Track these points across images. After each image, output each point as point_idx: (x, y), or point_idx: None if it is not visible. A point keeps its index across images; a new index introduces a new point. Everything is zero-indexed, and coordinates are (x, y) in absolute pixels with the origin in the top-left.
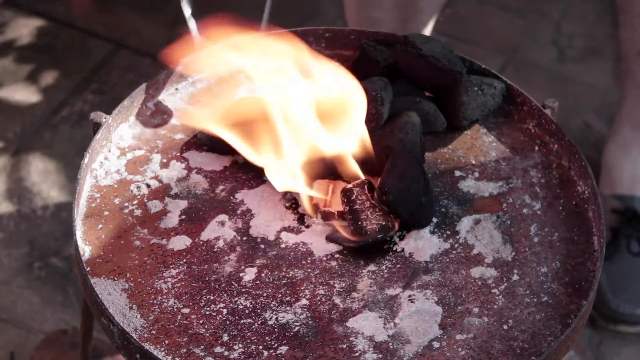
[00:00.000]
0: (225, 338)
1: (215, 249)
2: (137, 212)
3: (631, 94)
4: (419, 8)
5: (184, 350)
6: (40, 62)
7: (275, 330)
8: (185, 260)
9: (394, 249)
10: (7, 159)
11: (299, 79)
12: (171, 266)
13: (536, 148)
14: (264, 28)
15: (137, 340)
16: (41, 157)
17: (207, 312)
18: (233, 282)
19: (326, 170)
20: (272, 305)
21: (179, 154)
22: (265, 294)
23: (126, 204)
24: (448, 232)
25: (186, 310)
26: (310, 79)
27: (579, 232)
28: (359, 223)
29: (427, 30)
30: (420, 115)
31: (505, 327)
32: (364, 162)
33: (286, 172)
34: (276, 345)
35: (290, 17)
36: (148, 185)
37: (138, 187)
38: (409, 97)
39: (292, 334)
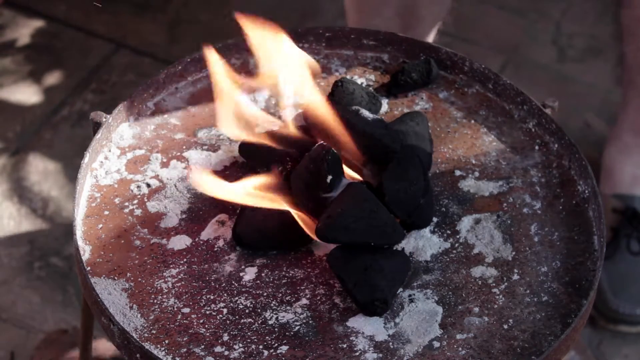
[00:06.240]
0: (226, 337)
1: (216, 249)
2: (138, 212)
3: (633, 103)
4: (420, 17)
5: (184, 349)
6: (40, 62)
7: (276, 329)
8: (185, 259)
9: (395, 248)
10: (7, 159)
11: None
12: (171, 266)
13: (536, 147)
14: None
15: (138, 339)
16: (41, 157)
17: (208, 312)
18: (233, 282)
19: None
20: (272, 304)
21: (179, 153)
22: (265, 294)
23: (126, 204)
24: (448, 232)
25: (186, 310)
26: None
27: (579, 231)
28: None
29: (430, 39)
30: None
31: (505, 326)
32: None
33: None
34: (276, 344)
35: (290, 17)
36: (148, 185)
37: (138, 186)
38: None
39: (292, 333)
